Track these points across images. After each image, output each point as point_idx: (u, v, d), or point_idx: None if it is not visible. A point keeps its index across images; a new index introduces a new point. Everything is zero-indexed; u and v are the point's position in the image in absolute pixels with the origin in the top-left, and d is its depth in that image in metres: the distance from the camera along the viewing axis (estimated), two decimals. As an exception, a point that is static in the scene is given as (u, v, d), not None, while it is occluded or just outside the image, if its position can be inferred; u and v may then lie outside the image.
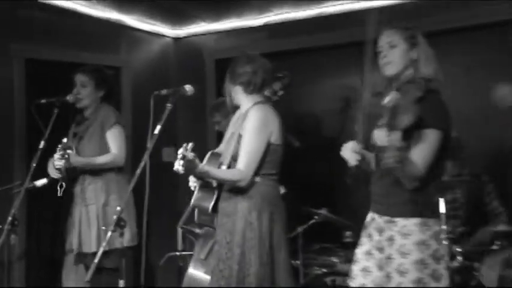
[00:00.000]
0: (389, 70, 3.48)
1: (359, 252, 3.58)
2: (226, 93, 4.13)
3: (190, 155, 3.48)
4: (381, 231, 3.44)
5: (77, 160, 4.69)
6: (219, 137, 5.13)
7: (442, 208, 4.35)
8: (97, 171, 4.77)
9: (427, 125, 3.30)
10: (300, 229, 5.19)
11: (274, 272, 3.81)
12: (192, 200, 4.04)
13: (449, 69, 5.52)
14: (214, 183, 3.93)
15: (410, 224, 3.36)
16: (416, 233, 3.35)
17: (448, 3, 5.59)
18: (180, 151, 3.48)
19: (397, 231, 3.38)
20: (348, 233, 5.28)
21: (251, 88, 3.95)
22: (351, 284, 3.55)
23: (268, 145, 3.87)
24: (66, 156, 4.56)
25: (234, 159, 3.83)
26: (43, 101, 4.60)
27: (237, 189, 3.84)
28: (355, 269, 3.56)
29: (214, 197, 3.95)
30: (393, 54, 3.51)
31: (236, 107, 4.14)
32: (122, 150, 4.84)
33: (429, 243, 3.35)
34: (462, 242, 4.97)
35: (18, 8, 5.67)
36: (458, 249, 4.73)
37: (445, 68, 4.64)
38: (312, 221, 5.23)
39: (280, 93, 4.75)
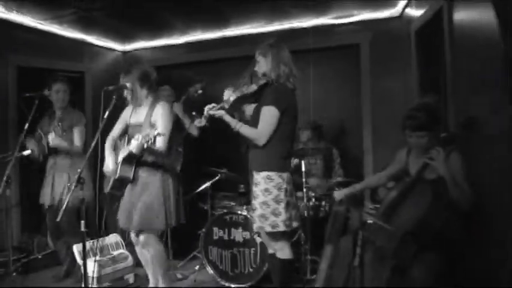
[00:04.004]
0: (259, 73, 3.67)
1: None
2: (135, 92, 3.96)
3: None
4: (252, 180, 3.64)
5: (56, 142, 4.74)
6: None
7: (303, 168, 4.60)
8: (67, 151, 4.87)
9: (265, 104, 3.42)
10: (208, 183, 5.45)
11: (179, 207, 4.04)
12: (118, 172, 3.88)
13: (313, 76, 5.92)
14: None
15: (259, 176, 3.48)
16: (262, 183, 3.45)
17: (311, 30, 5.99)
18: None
19: (253, 181, 3.55)
20: (241, 186, 5.52)
21: (152, 92, 3.99)
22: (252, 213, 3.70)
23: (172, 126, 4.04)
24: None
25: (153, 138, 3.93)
26: (27, 94, 4.63)
27: (152, 161, 3.91)
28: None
29: (133, 168, 3.92)
30: (258, 65, 3.64)
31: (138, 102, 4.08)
32: (81, 144, 4.96)
33: (271, 191, 3.42)
34: (316, 190, 5.36)
35: (14, 29, 5.72)
36: (313, 194, 5.11)
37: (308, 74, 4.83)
38: (217, 177, 5.49)
39: (200, 92, 4.89)
